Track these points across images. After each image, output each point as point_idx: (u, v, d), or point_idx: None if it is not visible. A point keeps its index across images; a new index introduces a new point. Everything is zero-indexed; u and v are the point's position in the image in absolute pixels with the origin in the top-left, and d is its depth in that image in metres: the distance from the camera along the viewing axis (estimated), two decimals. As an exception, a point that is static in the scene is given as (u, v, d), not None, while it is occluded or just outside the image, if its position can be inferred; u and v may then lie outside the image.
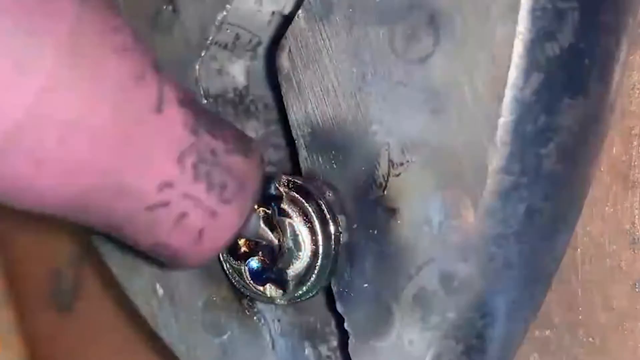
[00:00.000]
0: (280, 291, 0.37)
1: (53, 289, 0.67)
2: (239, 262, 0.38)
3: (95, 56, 0.28)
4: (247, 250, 0.37)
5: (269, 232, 0.36)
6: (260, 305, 0.40)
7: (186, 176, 0.31)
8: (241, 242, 0.37)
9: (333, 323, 0.40)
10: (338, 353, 0.39)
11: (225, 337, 0.41)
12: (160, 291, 0.43)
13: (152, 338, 0.44)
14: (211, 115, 0.32)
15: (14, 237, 0.69)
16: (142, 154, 0.29)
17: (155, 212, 0.31)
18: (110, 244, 0.44)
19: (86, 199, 0.29)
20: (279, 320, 0.40)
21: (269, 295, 0.37)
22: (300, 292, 0.36)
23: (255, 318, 0.40)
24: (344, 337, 0.36)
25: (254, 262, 0.37)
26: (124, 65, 0.29)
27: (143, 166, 0.30)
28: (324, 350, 0.39)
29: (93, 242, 0.45)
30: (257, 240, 0.37)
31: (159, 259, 0.34)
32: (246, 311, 0.40)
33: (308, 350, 0.39)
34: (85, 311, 0.66)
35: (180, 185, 0.31)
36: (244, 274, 0.38)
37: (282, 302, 0.37)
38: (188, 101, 0.31)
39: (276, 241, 0.36)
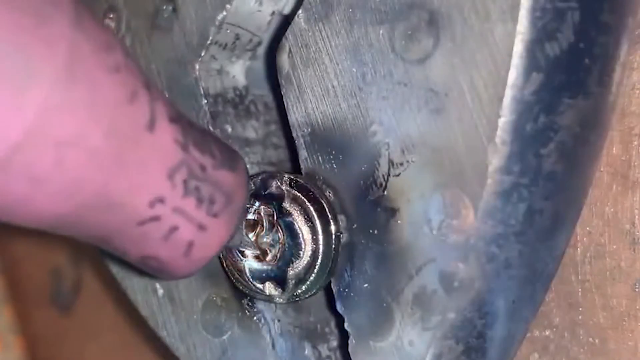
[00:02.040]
0: (280, 290, 0.37)
1: (53, 289, 0.67)
2: (239, 259, 0.38)
3: (90, 77, 0.28)
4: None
5: (253, 242, 0.37)
6: (260, 305, 0.40)
7: (177, 192, 0.31)
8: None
9: (333, 323, 0.40)
10: (338, 353, 0.39)
11: (225, 337, 0.41)
12: (160, 291, 0.43)
13: (152, 338, 0.44)
14: (199, 130, 0.33)
15: (14, 237, 0.70)
16: (135, 171, 0.30)
17: (146, 226, 0.31)
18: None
19: (79, 215, 0.30)
20: (279, 320, 0.40)
21: (268, 294, 0.37)
22: (299, 291, 0.36)
23: (255, 318, 0.40)
24: (344, 337, 0.36)
25: (254, 261, 0.37)
26: (118, 85, 0.29)
27: (136, 183, 0.30)
28: (324, 350, 0.39)
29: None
30: (243, 249, 0.37)
31: (148, 271, 0.34)
32: (246, 311, 0.40)
33: (308, 350, 0.39)
34: (85, 311, 0.66)
35: (170, 200, 0.31)
36: (243, 272, 0.38)
37: (281, 300, 0.37)
38: (177, 117, 0.31)
39: (258, 250, 0.37)
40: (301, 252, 0.36)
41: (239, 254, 0.38)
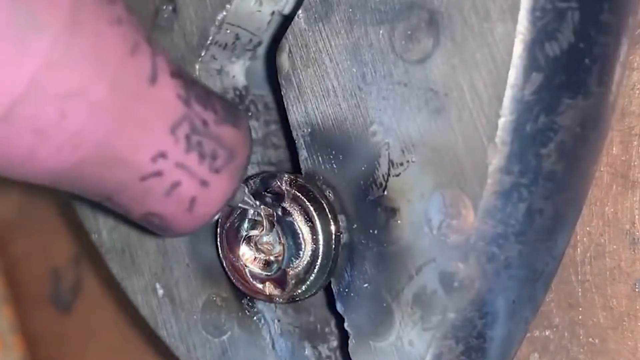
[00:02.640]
0: (280, 290, 0.37)
1: (53, 289, 0.67)
2: (238, 259, 0.38)
3: (93, 29, 0.28)
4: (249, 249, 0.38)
5: (255, 202, 0.37)
6: (260, 305, 0.40)
7: (179, 147, 0.31)
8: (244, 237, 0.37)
9: (333, 323, 0.40)
10: (338, 353, 0.39)
11: (225, 337, 0.41)
12: (160, 291, 0.43)
13: (152, 338, 0.44)
14: (200, 85, 0.33)
15: (14, 237, 0.70)
16: (138, 125, 0.30)
17: (148, 182, 0.31)
18: (111, 243, 0.44)
19: (82, 169, 0.30)
20: (279, 320, 0.40)
21: (268, 294, 0.37)
22: (299, 291, 0.36)
23: (255, 318, 0.40)
24: (344, 337, 0.36)
25: (254, 261, 0.37)
26: (120, 38, 0.29)
27: (138, 137, 0.30)
28: (324, 350, 0.39)
29: (93, 242, 0.45)
30: (243, 208, 0.37)
31: (150, 228, 0.34)
32: (246, 311, 0.40)
33: (308, 350, 0.39)
34: (85, 311, 0.66)
35: (173, 155, 0.31)
36: (243, 272, 0.38)
37: (281, 300, 0.37)
38: (178, 72, 0.31)
39: (262, 211, 0.37)
40: (301, 252, 0.36)
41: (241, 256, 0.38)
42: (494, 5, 0.31)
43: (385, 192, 0.34)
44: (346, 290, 0.36)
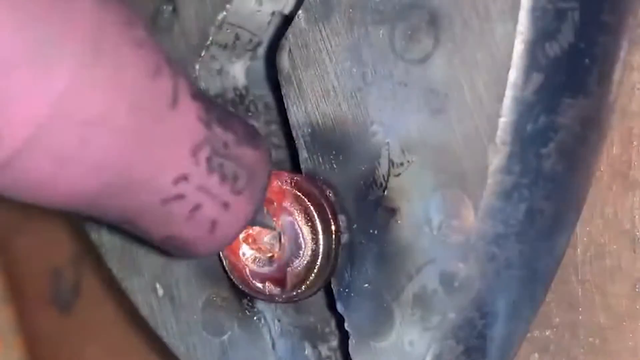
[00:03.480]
0: (280, 289, 0.37)
1: (53, 289, 0.67)
2: (239, 258, 0.38)
3: (115, 53, 0.28)
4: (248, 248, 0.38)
5: (274, 223, 0.36)
6: (260, 305, 0.40)
7: (200, 169, 0.31)
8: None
9: (333, 323, 0.40)
10: (338, 353, 0.39)
11: (225, 337, 0.41)
12: (160, 291, 0.43)
13: (152, 338, 0.44)
14: (220, 107, 0.32)
15: (14, 237, 0.70)
16: (160, 149, 0.29)
17: (169, 205, 0.31)
18: (111, 243, 0.44)
19: (102, 195, 0.29)
20: (279, 321, 0.40)
21: (268, 293, 0.37)
22: (299, 290, 0.36)
23: (255, 318, 0.40)
24: (344, 337, 0.36)
25: (254, 260, 0.37)
26: (142, 61, 0.28)
27: (160, 161, 0.30)
28: (324, 350, 0.39)
29: (93, 242, 0.45)
30: (264, 228, 0.37)
31: (170, 251, 0.34)
32: (246, 311, 0.40)
33: (308, 351, 0.39)
34: (85, 311, 0.66)
35: (194, 178, 0.31)
36: (244, 271, 0.38)
37: (281, 300, 0.37)
38: (198, 94, 0.31)
39: (280, 232, 0.36)
40: (301, 252, 0.36)
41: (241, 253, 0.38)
42: (494, 6, 0.31)
43: (386, 192, 0.34)
44: (346, 290, 0.36)
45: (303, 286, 0.36)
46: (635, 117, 0.37)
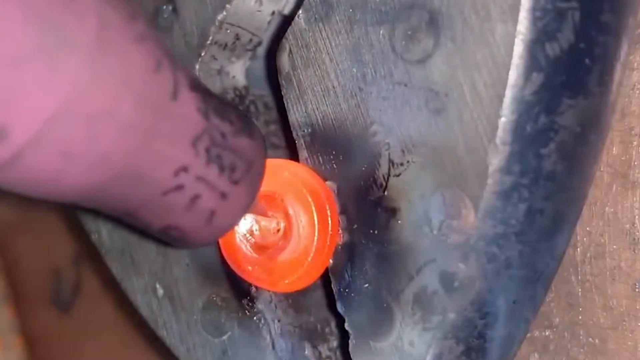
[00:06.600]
0: (266, 276, 0.37)
1: (53, 289, 0.67)
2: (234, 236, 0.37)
3: (120, 47, 0.28)
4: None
5: (272, 213, 0.37)
6: (260, 305, 0.40)
7: (200, 160, 0.31)
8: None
9: (333, 323, 0.40)
10: (338, 353, 0.39)
11: (225, 337, 0.41)
12: (160, 291, 0.43)
13: (152, 338, 0.44)
14: (216, 97, 0.33)
15: (14, 237, 0.70)
16: (162, 141, 0.30)
17: (169, 196, 0.31)
18: (111, 244, 0.44)
19: (107, 188, 0.29)
20: (279, 321, 0.40)
21: (255, 277, 0.37)
22: (285, 281, 0.36)
23: (255, 318, 0.40)
24: (344, 337, 0.36)
25: (248, 242, 0.37)
26: (144, 55, 0.29)
27: (162, 153, 0.30)
28: (324, 350, 0.39)
29: (93, 242, 0.45)
30: (261, 218, 0.37)
31: (167, 240, 0.34)
32: (246, 311, 0.40)
33: (308, 351, 0.39)
34: (85, 311, 0.66)
35: (194, 169, 0.31)
36: (237, 252, 0.37)
37: (266, 287, 0.37)
38: (197, 85, 0.31)
39: (278, 221, 0.37)
40: (295, 244, 0.36)
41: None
42: (494, 6, 0.31)
43: (386, 192, 0.34)
44: (346, 290, 0.36)
45: (287, 280, 0.36)
46: (635, 117, 0.37)
